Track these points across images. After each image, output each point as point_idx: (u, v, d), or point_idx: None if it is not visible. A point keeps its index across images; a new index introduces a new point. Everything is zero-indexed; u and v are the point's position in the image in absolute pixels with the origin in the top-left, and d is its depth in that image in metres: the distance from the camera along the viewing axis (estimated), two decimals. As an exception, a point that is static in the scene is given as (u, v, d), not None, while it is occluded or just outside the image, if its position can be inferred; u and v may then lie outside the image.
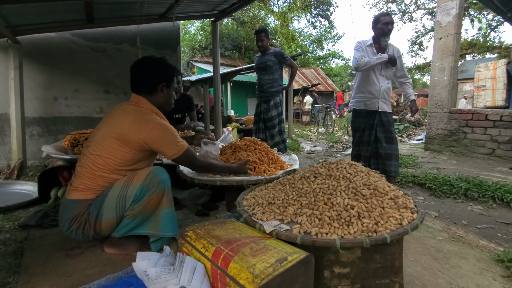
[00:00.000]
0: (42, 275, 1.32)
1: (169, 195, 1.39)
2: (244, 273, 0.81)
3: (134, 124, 1.35)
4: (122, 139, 1.33)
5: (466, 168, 3.58)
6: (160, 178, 1.33)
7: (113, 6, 2.88)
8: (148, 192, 1.31)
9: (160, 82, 1.47)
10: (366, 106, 2.67)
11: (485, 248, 1.68)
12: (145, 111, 1.42)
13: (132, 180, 1.32)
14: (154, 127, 1.35)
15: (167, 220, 1.39)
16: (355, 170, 1.32)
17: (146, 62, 1.48)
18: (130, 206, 1.31)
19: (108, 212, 1.31)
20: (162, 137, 1.37)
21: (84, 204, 1.33)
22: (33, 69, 3.31)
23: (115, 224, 1.36)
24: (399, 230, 1.03)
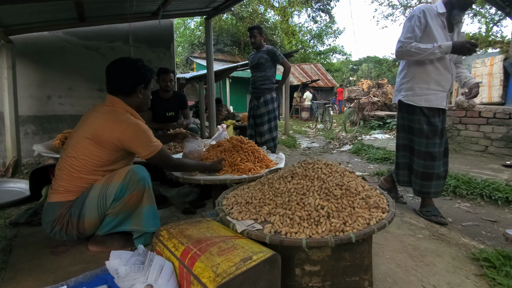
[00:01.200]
0: (28, 271, 1.37)
1: (150, 192, 1.41)
2: (207, 272, 0.85)
3: (107, 124, 1.37)
4: (96, 140, 1.35)
5: (458, 165, 3.59)
6: (140, 176, 1.35)
7: (103, 5, 2.89)
8: (128, 190, 1.33)
9: (139, 84, 1.48)
10: (429, 102, 1.99)
11: (465, 246, 1.71)
12: (119, 111, 1.43)
13: (112, 179, 1.35)
14: (128, 126, 1.37)
15: (149, 216, 1.41)
16: (331, 171, 1.35)
17: (125, 64, 1.49)
18: (111, 204, 1.34)
19: (90, 211, 1.34)
20: (136, 137, 1.39)
21: (65, 206, 1.36)
22: (27, 67, 3.33)
23: (98, 223, 1.39)
24: (365, 230, 1.06)
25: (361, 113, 9.90)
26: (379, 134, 7.37)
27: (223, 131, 4.24)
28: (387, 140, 6.14)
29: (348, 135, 7.82)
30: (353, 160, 4.75)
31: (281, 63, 3.44)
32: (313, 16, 24.97)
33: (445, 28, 1.90)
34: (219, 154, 1.99)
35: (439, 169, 2.07)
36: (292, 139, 6.59)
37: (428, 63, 1.94)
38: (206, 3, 3.76)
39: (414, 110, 2.04)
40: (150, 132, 1.46)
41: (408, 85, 2.06)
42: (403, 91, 2.11)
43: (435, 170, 2.04)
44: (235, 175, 1.82)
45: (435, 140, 2.00)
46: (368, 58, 37.80)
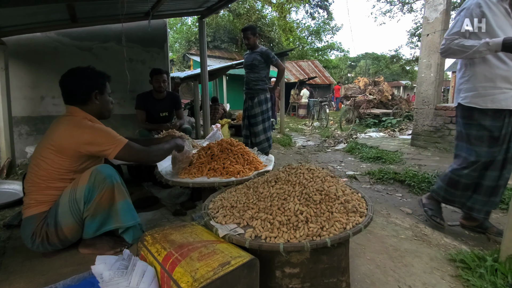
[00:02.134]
0: (20, 273, 1.41)
1: (120, 188, 1.42)
2: (186, 277, 0.89)
3: (66, 132, 1.39)
4: (57, 149, 1.37)
5: (447, 165, 3.62)
6: (104, 174, 1.37)
7: (95, 6, 2.90)
8: (96, 190, 1.35)
9: (92, 91, 1.50)
10: (497, 103, 1.69)
11: (445, 247, 1.77)
12: (76, 118, 1.46)
13: (77, 183, 1.37)
14: (84, 131, 1.39)
15: (125, 210, 1.44)
16: (312, 176, 1.39)
17: (75, 74, 1.50)
18: (84, 207, 1.36)
19: (64, 218, 1.36)
20: (95, 139, 1.40)
21: (40, 218, 1.39)
22: (20, 69, 3.34)
23: (78, 227, 1.42)
24: (341, 235, 1.10)
25: (357, 111, 9.95)
26: (374, 133, 7.43)
27: (217, 131, 4.28)
28: (381, 139, 6.20)
29: (344, 133, 7.88)
30: (347, 159, 4.81)
31: (275, 65, 3.46)
32: (311, 13, 24.90)
33: (510, 16, 1.62)
34: (209, 158, 2.02)
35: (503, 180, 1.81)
36: (287, 138, 6.63)
37: (491, 57, 1.65)
38: (200, 3, 3.77)
39: (478, 113, 1.75)
40: (111, 131, 1.47)
41: (468, 85, 1.78)
42: (462, 92, 1.82)
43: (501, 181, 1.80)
44: (224, 177, 1.86)
45: (497, 148, 1.75)
46: (366, 55, 37.82)
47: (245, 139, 3.69)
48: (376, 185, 3.39)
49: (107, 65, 3.76)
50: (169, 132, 2.80)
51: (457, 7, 14.65)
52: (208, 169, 1.96)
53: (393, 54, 23.86)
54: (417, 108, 4.73)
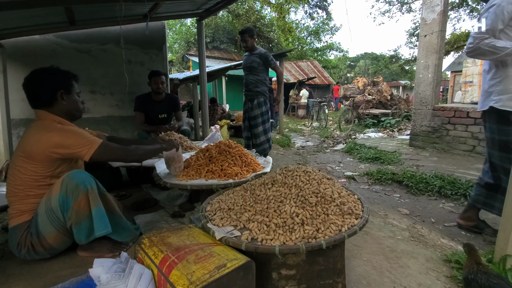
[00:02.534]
0: (19, 276, 1.41)
1: (93, 193, 1.35)
2: (182, 279, 0.90)
3: (34, 137, 1.36)
4: (27, 155, 1.35)
5: (445, 165, 3.67)
6: (76, 181, 1.31)
7: (93, 9, 2.91)
8: (70, 198, 1.31)
9: (57, 91, 1.45)
10: None
11: (442, 247, 1.78)
12: (45, 122, 1.42)
13: (51, 192, 1.34)
14: (53, 134, 1.35)
15: (98, 218, 1.36)
16: (308, 178, 1.40)
17: (37, 75, 1.45)
18: (64, 216, 1.33)
19: (45, 228, 1.34)
20: (65, 141, 1.35)
21: (23, 227, 1.38)
22: (18, 71, 3.35)
23: (62, 236, 1.40)
24: (336, 237, 1.11)
25: (356, 111, 9.97)
26: (373, 133, 7.44)
27: (216, 132, 4.29)
28: (379, 139, 6.22)
29: (343, 133, 7.89)
30: (345, 159, 4.83)
31: (273, 68, 3.48)
32: (310, 13, 24.93)
33: None
34: (207, 160, 2.03)
35: None
36: (286, 139, 6.65)
37: None
38: (198, 5, 3.78)
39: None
40: (82, 132, 1.44)
41: (501, 87, 1.66)
42: (494, 95, 1.70)
43: None
44: (221, 179, 1.87)
45: None
46: (366, 55, 37.88)
47: (246, 140, 3.72)
48: (374, 185, 3.40)
49: (106, 67, 3.78)
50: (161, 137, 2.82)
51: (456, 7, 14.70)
52: (206, 171, 1.97)
53: (392, 54, 23.89)
54: (415, 109, 4.75)
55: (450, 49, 15.20)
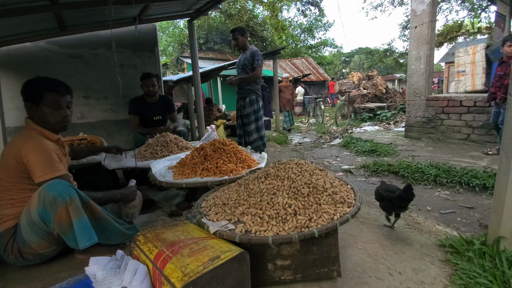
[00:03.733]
0: (18, 280, 1.42)
1: (73, 205, 1.28)
2: (176, 272, 0.92)
3: (12, 142, 1.39)
4: (5, 161, 1.36)
5: (440, 155, 3.70)
6: (53, 193, 1.25)
7: (82, 14, 2.91)
8: (49, 211, 1.26)
9: (26, 103, 1.45)
10: None
11: (436, 234, 1.80)
12: (27, 131, 1.42)
13: (30, 205, 1.31)
14: (26, 143, 1.34)
15: (80, 230, 1.30)
16: (301, 170, 1.42)
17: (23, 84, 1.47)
18: (48, 226, 1.30)
19: (30, 237, 1.32)
20: (32, 154, 1.32)
21: (9, 233, 1.36)
22: (11, 79, 3.34)
23: (49, 243, 1.38)
24: (328, 225, 1.13)
25: (351, 106, 10.00)
26: (369, 127, 7.48)
27: (213, 132, 4.30)
28: (375, 132, 6.25)
29: (339, 128, 7.92)
30: (342, 153, 4.85)
31: (254, 67, 3.38)
32: (302, 10, 24.93)
33: None
34: (202, 159, 2.05)
35: None
36: (283, 136, 6.66)
37: None
38: (188, 6, 3.78)
39: None
40: (54, 155, 1.41)
41: None
42: None
43: None
44: (217, 177, 1.89)
45: None
46: (360, 50, 37.94)
47: (239, 138, 3.71)
48: (371, 177, 3.43)
49: (99, 71, 3.78)
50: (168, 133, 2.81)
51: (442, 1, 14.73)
52: (201, 169, 1.98)
53: (386, 48, 23.94)
54: (409, 100, 4.78)
55: (443, 40, 15.26)
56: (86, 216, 1.33)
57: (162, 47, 18.18)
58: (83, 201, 1.35)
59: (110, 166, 2.46)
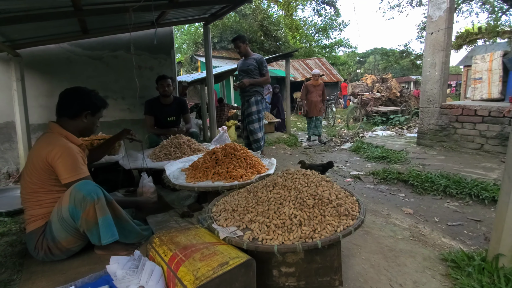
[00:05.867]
0: (41, 272, 1.53)
1: (100, 203, 1.41)
2: (189, 275, 1.00)
3: (38, 147, 1.49)
4: (33, 165, 1.46)
5: (451, 164, 3.66)
6: (83, 192, 1.38)
7: (104, 18, 3.05)
8: (79, 209, 1.38)
9: (85, 110, 1.61)
10: None
11: (441, 247, 1.82)
12: (52, 135, 1.53)
13: (61, 203, 1.42)
14: (55, 148, 1.44)
15: (104, 228, 1.43)
16: (307, 181, 1.48)
17: (76, 91, 1.63)
18: (76, 223, 1.42)
19: (59, 234, 1.45)
20: (60, 158, 1.43)
21: (39, 233, 1.48)
22: (35, 78, 3.54)
23: (76, 239, 1.50)
24: (331, 237, 1.19)
25: (364, 109, 9.90)
26: (381, 131, 7.40)
27: (224, 133, 4.40)
28: (387, 138, 6.19)
29: (350, 132, 7.88)
30: (352, 158, 4.85)
31: (263, 74, 3.62)
32: (317, 10, 24.73)
33: None
34: (213, 163, 2.13)
35: None
36: (293, 138, 6.69)
37: None
38: (204, 10, 3.88)
39: None
40: (79, 157, 1.52)
41: None
42: None
43: None
44: (227, 181, 1.97)
45: None
46: (376, 50, 37.25)
47: (246, 139, 3.85)
48: (380, 185, 3.44)
49: (117, 72, 3.94)
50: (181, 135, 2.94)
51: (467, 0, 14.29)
52: (212, 173, 2.06)
53: (403, 49, 23.44)
54: (422, 107, 4.72)
55: (462, 43, 14.81)
56: (110, 215, 1.46)
57: (177, 45, 18.46)
58: (107, 200, 1.48)
59: (126, 166, 2.59)
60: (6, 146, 3.48)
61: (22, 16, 2.41)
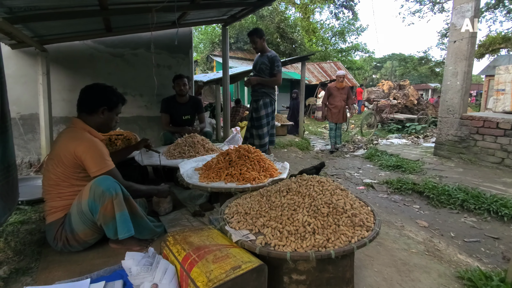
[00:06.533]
0: (58, 262, 1.58)
1: (118, 199, 1.47)
2: (202, 277, 1.01)
3: (64, 141, 1.54)
4: (57, 158, 1.52)
5: (470, 178, 3.53)
6: (103, 187, 1.43)
7: (127, 17, 3.13)
8: (98, 203, 1.44)
9: (102, 105, 1.66)
10: None
11: (457, 263, 1.77)
12: (76, 130, 1.60)
13: (81, 197, 1.48)
14: (82, 142, 1.52)
15: (121, 222, 1.48)
16: (322, 189, 1.47)
17: (95, 87, 1.69)
18: (94, 217, 1.48)
19: (77, 226, 1.51)
20: (88, 152, 1.51)
21: (58, 224, 1.55)
22: (59, 73, 3.67)
23: (93, 232, 1.56)
24: (345, 248, 1.18)
25: (379, 115, 9.72)
26: (396, 139, 7.24)
27: (237, 134, 4.42)
28: (402, 146, 6.05)
29: (364, 138, 7.75)
30: (365, 166, 4.77)
31: (275, 74, 3.35)
32: (335, 13, 24.46)
33: None
34: (227, 164, 2.15)
35: None
36: (305, 142, 6.65)
37: None
38: (223, 12, 3.92)
39: None
40: (105, 150, 1.59)
41: None
42: None
43: None
44: (240, 183, 1.97)
45: None
46: (393, 56, 36.50)
47: (245, 141, 3.61)
48: (394, 195, 3.36)
49: (137, 70, 4.03)
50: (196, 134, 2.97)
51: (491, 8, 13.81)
52: (226, 174, 2.08)
53: (422, 56, 22.88)
54: (441, 117, 4.59)
55: (485, 51, 14.33)
56: (127, 210, 1.51)
57: (194, 43, 18.65)
58: (125, 196, 1.53)
59: (142, 162, 2.65)
60: (29, 137, 3.62)
61: (51, 14, 2.50)
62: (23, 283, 1.41)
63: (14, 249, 1.68)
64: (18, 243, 1.74)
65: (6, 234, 1.82)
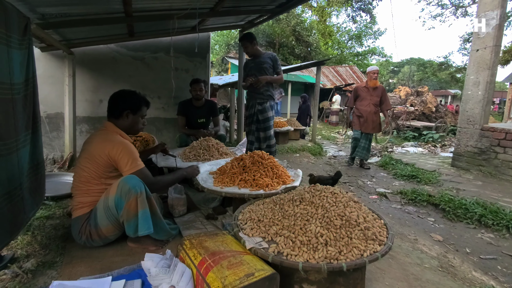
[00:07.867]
0: (81, 258, 1.68)
1: (142, 197, 1.56)
2: (217, 282, 1.06)
3: (99, 143, 1.66)
4: (91, 157, 1.63)
5: (489, 192, 3.43)
6: (129, 185, 1.54)
7: (149, 24, 3.25)
8: (123, 200, 1.54)
9: (125, 109, 1.77)
10: None
11: (472, 281, 1.74)
12: (109, 132, 1.72)
13: (109, 193, 1.59)
14: (116, 145, 1.64)
15: (143, 220, 1.57)
16: (335, 200, 1.48)
17: (120, 93, 1.82)
18: (118, 213, 1.57)
19: (102, 221, 1.60)
20: (121, 154, 1.63)
21: (84, 219, 1.65)
22: (84, 75, 3.84)
23: (114, 229, 1.65)
24: (357, 261, 1.19)
25: (395, 122, 9.53)
26: (412, 147, 7.08)
27: (250, 138, 4.40)
28: (418, 155, 5.91)
29: (378, 145, 7.62)
30: (379, 174, 4.70)
31: (277, 72, 3.31)
32: (352, 16, 24.19)
33: None
34: (241, 169, 2.19)
35: None
36: (318, 147, 6.61)
37: None
38: (241, 18, 3.99)
39: None
40: (136, 152, 1.70)
41: None
42: None
43: None
44: (253, 189, 2.02)
45: None
46: (411, 60, 35.63)
47: (249, 145, 3.51)
48: (408, 206, 3.31)
49: (156, 73, 4.16)
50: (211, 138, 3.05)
51: None
52: (239, 179, 2.13)
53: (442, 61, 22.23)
54: (460, 127, 4.46)
55: (509, 58, 13.77)
56: (148, 209, 1.60)
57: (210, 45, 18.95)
58: (147, 196, 1.62)
59: (159, 163, 2.75)
60: (54, 135, 3.81)
61: (80, 20, 2.65)
62: (48, 276, 1.50)
63: (40, 243, 1.78)
64: (44, 237, 1.85)
65: (33, 228, 1.94)
